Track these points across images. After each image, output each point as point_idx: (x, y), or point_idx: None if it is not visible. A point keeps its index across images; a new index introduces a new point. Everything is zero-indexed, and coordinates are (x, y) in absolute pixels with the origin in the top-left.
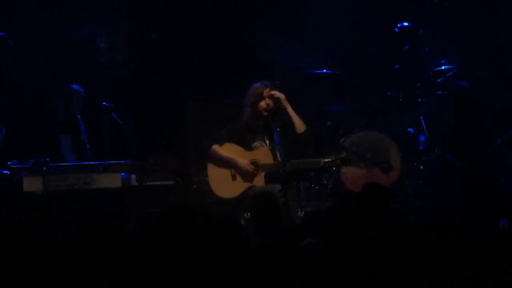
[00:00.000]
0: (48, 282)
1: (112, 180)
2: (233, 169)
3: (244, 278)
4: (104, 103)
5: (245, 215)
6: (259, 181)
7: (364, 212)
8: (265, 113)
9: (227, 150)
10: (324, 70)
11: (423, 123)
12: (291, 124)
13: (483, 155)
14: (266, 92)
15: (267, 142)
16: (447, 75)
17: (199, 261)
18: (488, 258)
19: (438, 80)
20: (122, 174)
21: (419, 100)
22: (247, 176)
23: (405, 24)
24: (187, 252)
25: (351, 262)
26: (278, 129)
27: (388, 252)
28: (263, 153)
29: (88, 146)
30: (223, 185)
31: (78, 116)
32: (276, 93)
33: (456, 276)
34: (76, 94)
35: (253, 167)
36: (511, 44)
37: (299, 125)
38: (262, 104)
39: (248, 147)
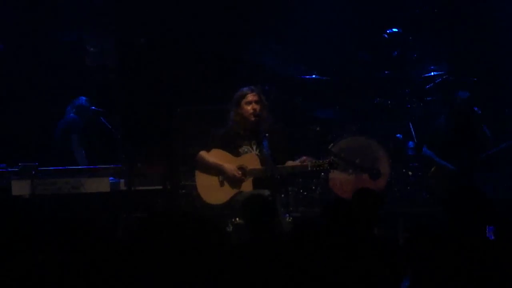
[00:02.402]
0: (35, 287)
1: (100, 185)
2: (221, 175)
3: (231, 282)
4: (93, 107)
5: (233, 220)
6: (247, 186)
7: (354, 217)
8: (252, 118)
9: (214, 156)
10: (313, 76)
11: (411, 129)
12: (277, 131)
13: (475, 161)
14: (252, 96)
15: (254, 147)
16: (436, 81)
17: (187, 265)
18: (474, 263)
19: (427, 87)
20: (110, 178)
21: (408, 106)
22: (235, 182)
23: (395, 30)
24: (175, 256)
25: (340, 267)
26: (267, 134)
27: (376, 257)
28: (250, 158)
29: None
30: (211, 191)
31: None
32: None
33: (443, 281)
34: (86, 110)
35: (240, 172)
36: (499, 50)
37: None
38: (249, 108)
39: (235, 152)
